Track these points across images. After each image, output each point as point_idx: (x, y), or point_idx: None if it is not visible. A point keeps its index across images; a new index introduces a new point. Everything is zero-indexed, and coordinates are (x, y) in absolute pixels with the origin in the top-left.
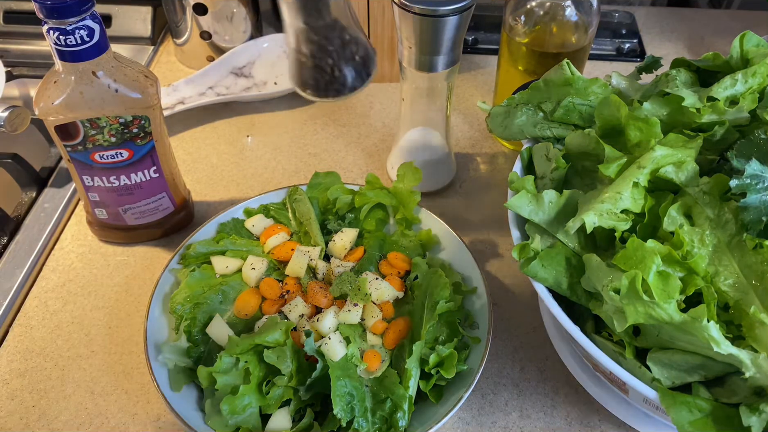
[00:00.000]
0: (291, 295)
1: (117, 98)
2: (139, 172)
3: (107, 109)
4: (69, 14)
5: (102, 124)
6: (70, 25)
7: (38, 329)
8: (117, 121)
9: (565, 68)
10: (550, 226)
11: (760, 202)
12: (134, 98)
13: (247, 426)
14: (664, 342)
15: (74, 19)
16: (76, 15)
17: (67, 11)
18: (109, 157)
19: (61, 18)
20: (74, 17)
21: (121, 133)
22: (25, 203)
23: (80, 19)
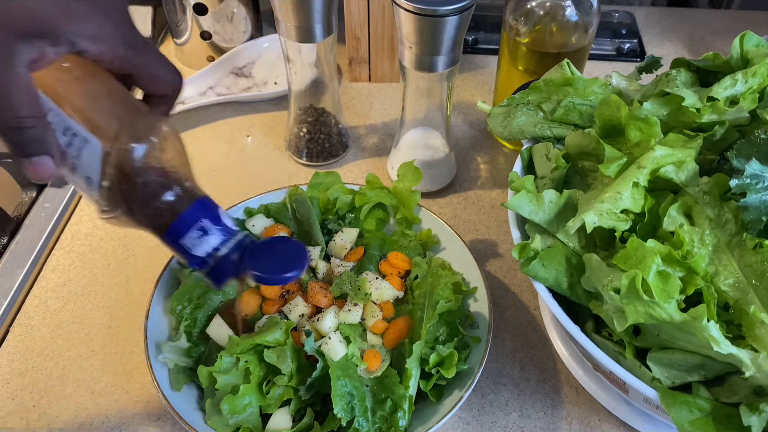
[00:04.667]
0: (291, 295)
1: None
2: None
3: None
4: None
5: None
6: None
7: (39, 329)
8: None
9: (565, 68)
10: (550, 226)
11: (760, 202)
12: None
13: (248, 426)
14: (664, 342)
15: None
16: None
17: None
18: None
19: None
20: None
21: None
22: (26, 203)
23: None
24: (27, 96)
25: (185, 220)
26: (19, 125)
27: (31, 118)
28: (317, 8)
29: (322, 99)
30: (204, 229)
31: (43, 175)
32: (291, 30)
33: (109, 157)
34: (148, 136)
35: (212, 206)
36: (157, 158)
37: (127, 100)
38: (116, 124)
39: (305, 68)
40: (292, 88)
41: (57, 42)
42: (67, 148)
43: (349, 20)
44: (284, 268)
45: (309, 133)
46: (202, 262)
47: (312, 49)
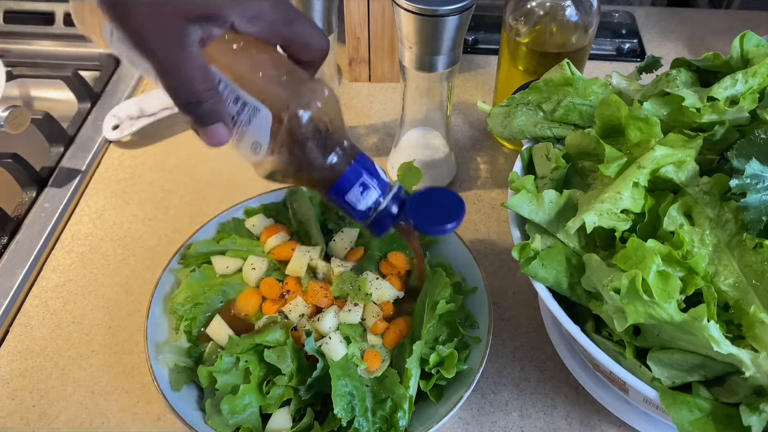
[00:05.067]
0: (291, 295)
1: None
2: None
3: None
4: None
5: None
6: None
7: (38, 329)
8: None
9: (565, 68)
10: (550, 226)
11: (760, 202)
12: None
13: (248, 426)
14: (664, 342)
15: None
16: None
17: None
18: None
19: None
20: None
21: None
22: (25, 203)
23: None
24: (200, 71)
25: (349, 177)
26: (196, 99)
27: (206, 92)
28: (317, 8)
29: None
30: (365, 184)
31: (218, 141)
32: None
33: (280, 124)
34: (315, 102)
35: (370, 162)
36: (323, 122)
37: (290, 68)
38: (284, 92)
39: None
40: None
41: (222, 24)
42: (238, 116)
43: (349, 20)
44: (442, 219)
45: None
46: (364, 215)
47: None
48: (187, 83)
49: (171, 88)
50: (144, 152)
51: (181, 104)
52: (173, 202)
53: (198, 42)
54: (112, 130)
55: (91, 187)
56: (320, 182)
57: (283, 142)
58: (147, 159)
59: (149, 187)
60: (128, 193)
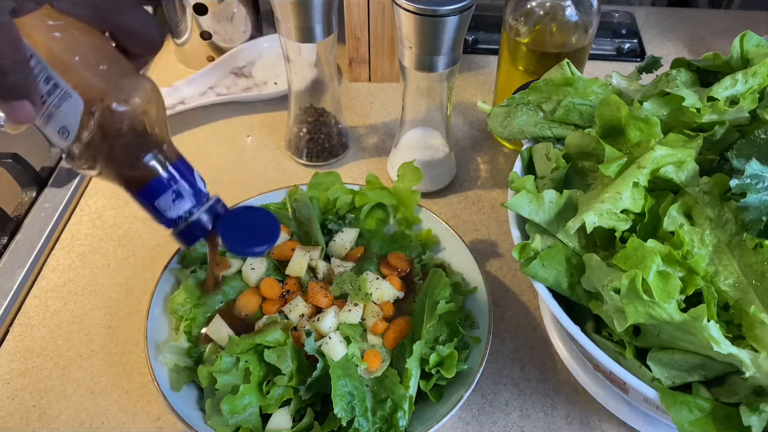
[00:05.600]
0: (291, 295)
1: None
2: None
3: None
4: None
5: None
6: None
7: (38, 329)
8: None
9: (565, 68)
10: (551, 226)
11: (760, 202)
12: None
13: (248, 426)
14: (664, 342)
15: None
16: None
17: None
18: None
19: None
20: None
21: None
22: (25, 203)
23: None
24: (10, 41)
25: (161, 182)
26: (1, 71)
27: (14, 64)
28: (317, 8)
29: (322, 99)
30: (178, 192)
31: (22, 118)
32: (291, 30)
33: (92, 115)
34: (134, 98)
35: (188, 169)
36: (140, 120)
37: (114, 57)
38: (100, 82)
39: (305, 68)
40: (292, 88)
41: (40, 1)
42: (47, 97)
43: (349, 20)
44: (254, 241)
45: (309, 133)
46: (173, 223)
47: (312, 49)
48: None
49: None
50: None
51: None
52: None
53: (9, 11)
54: None
55: (91, 187)
56: (129, 182)
57: (93, 134)
58: None
59: None
60: None
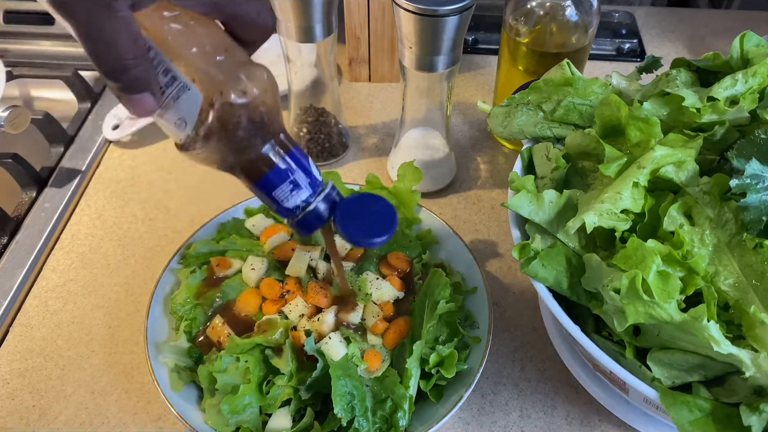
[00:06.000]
0: (291, 295)
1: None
2: None
3: None
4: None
5: None
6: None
7: (38, 329)
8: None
9: (565, 68)
10: (551, 226)
11: (760, 202)
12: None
13: (248, 426)
14: (664, 342)
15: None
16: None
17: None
18: None
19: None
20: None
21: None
22: (25, 203)
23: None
24: (129, 36)
25: (279, 173)
26: (122, 66)
27: (135, 59)
28: (317, 8)
29: (322, 99)
30: (296, 182)
31: (144, 111)
32: (291, 30)
33: (211, 107)
34: (252, 89)
35: (304, 158)
36: (258, 111)
37: (229, 47)
38: (218, 74)
39: (305, 68)
40: (292, 88)
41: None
42: (165, 89)
43: (349, 20)
44: (372, 231)
45: (309, 133)
46: (291, 213)
47: (312, 49)
48: (113, 49)
49: (94, 52)
50: (144, 152)
51: (105, 71)
52: (173, 202)
53: (128, 6)
54: (112, 130)
55: (90, 187)
56: (247, 173)
57: (211, 127)
58: (147, 159)
59: (149, 187)
60: (128, 193)
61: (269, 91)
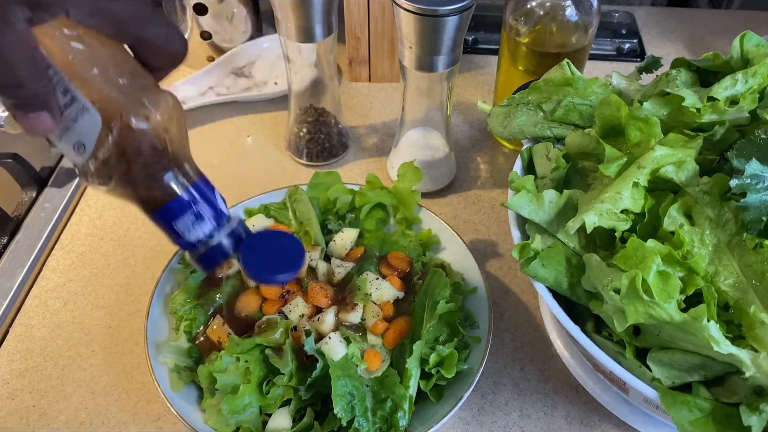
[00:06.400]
0: (291, 295)
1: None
2: None
3: None
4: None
5: None
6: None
7: (38, 329)
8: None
9: (565, 68)
10: (551, 226)
11: (760, 202)
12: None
13: (248, 426)
14: (664, 342)
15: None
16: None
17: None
18: None
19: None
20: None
21: None
22: (25, 203)
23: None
24: (26, 51)
25: (181, 203)
26: (17, 82)
27: (32, 74)
28: (317, 8)
29: (322, 99)
30: (199, 213)
31: (40, 130)
32: (291, 30)
33: (110, 132)
34: (155, 114)
35: (210, 189)
36: (161, 138)
37: (134, 70)
38: (119, 97)
39: (305, 68)
40: (292, 88)
41: (56, 13)
42: (64, 110)
43: (349, 20)
44: (277, 268)
45: (309, 133)
46: (192, 247)
47: (312, 49)
48: (8, 63)
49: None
50: None
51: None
52: None
53: (24, 20)
54: None
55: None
56: (145, 201)
57: (109, 152)
58: None
59: None
60: None
61: (174, 118)
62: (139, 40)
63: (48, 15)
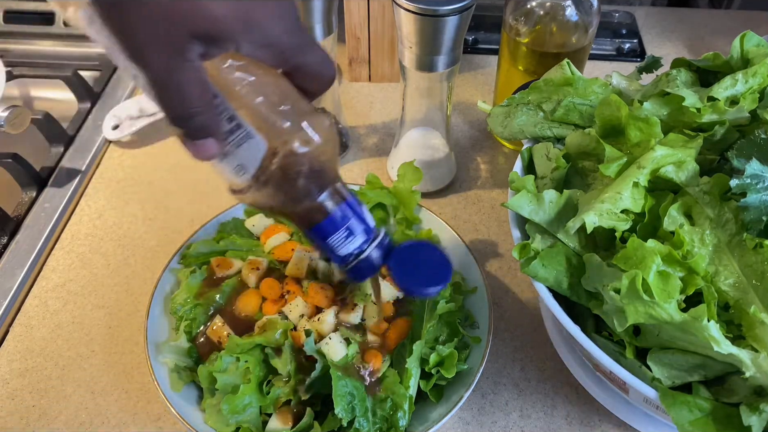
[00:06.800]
0: (291, 296)
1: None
2: None
3: None
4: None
5: None
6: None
7: (38, 329)
8: None
9: (565, 68)
10: (551, 226)
11: (760, 202)
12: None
13: (248, 426)
14: (664, 342)
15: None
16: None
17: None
18: None
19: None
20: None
21: None
22: (25, 203)
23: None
24: (198, 86)
25: (334, 221)
26: (189, 114)
27: (201, 107)
28: (317, 8)
29: (322, 99)
30: (350, 229)
31: (205, 156)
32: None
33: (274, 156)
34: (314, 139)
35: (358, 206)
36: (319, 160)
37: (295, 98)
38: (285, 123)
39: None
40: None
41: (229, 48)
42: (229, 135)
43: (349, 20)
44: (427, 280)
45: None
46: (344, 260)
47: None
48: (182, 98)
49: (164, 99)
50: (144, 152)
51: (172, 117)
52: (173, 202)
53: (199, 55)
54: (112, 130)
55: (90, 187)
56: (303, 220)
57: (272, 176)
58: (147, 159)
59: (149, 187)
60: (128, 193)
61: (330, 140)
62: (298, 67)
63: (221, 50)
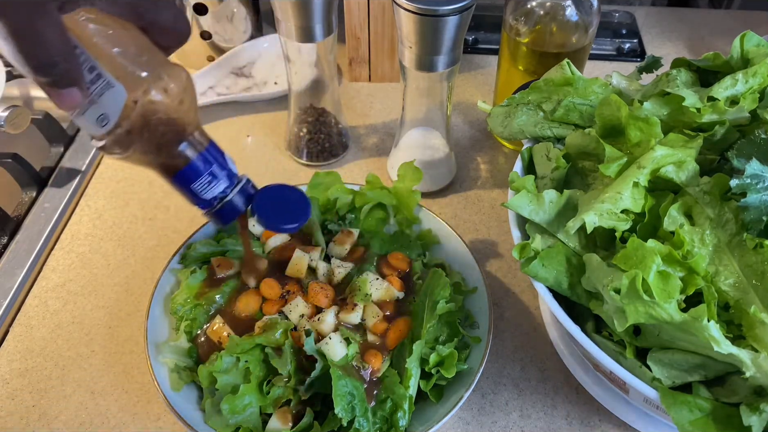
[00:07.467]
0: (291, 296)
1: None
2: None
3: None
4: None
5: None
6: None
7: (38, 329)
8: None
9: (565, 68)
10: (551, 226)
11: (761, 202)
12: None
13: (248, 426)
14: (664, 342)
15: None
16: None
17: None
18: None
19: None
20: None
21: None
22: (25, 203)
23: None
24: (59, 33)
25: (197, 166)
26: (52, 61)
27: (63, 54)
28: (317, 8)
29: (322, 99)
30: (213, 174)
31: (71, 105)
32: (291, 30)
33: (134, 105)
34: (173, 87)
35: (219, 152)
36: (178, 108)
37: (151, 49)
38: (143, 73)
39: (305, 68)
40: (292, 88)
41: (84, 2)
42: (91, 85)
43: (349, 20)
44: (287, 218)
45: (309, 133)
46: (209, 204)
47: (312, 49)
48: (45, 45)
49: (26, 48)
50: None
51: (35, 66)
52: (173, 202)
53: (57, 7)
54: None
55: (91, 187)
56: (165, 168)
57: (133, 124)
58: None
59: (149, 187)
60: (128, 193)
61: (188, 89)
62: (152, 23)
63: (77, 4)
